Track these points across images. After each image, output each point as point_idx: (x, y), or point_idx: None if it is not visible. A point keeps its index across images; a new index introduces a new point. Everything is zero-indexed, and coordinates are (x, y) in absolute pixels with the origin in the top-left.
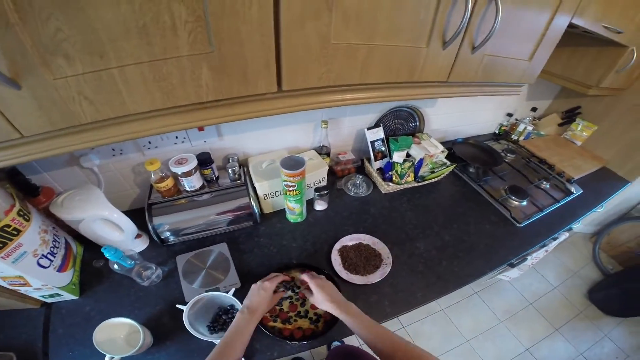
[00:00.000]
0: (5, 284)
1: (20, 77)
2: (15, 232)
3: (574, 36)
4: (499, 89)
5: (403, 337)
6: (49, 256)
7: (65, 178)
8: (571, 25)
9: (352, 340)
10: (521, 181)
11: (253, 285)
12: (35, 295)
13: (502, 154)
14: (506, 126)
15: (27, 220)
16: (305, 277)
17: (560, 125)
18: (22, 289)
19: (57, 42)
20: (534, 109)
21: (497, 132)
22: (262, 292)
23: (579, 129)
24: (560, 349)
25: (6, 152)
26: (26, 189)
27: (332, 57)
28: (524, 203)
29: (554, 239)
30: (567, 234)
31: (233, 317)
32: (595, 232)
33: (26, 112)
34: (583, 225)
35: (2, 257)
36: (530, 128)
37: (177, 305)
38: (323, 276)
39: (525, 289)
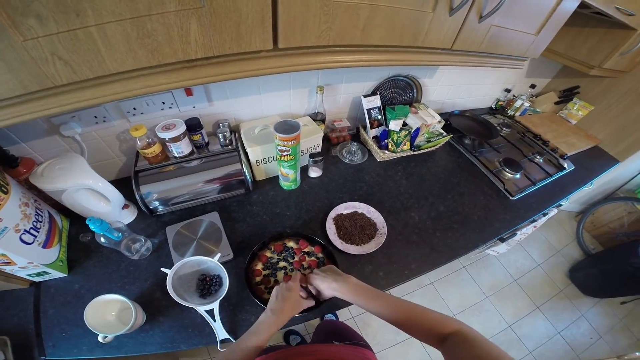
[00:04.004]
0: None
1: None
2: None
3: (581, 16)
4: (503, 61)
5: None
6: (32, 231)
7: (46, 148)
8: (582, 5)
9: (344, 313)
10: (516, 154)
11: (276, 287)
12: (22, 274)
13: (498, 128)
14: (503, 101)
15: (5, 193)
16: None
17: (556, 103)
18: (7, 268)
19: (28, 3)
20: (532, 86)
21: (493, 106)
22: (286, 293)
23: (575, 108)
24: (541, 327)
25: None
26: (3, 159)
27: (333, 14)
28: (518, 176)
29: (544, 215)
30: (555, 210)
31: (219, 284)
32: (581, 211)
33: None
34: (569, 203)
35: None
36: (527, 105)
37: (162, 269)
38: (313, 269)
39: (511, 264)
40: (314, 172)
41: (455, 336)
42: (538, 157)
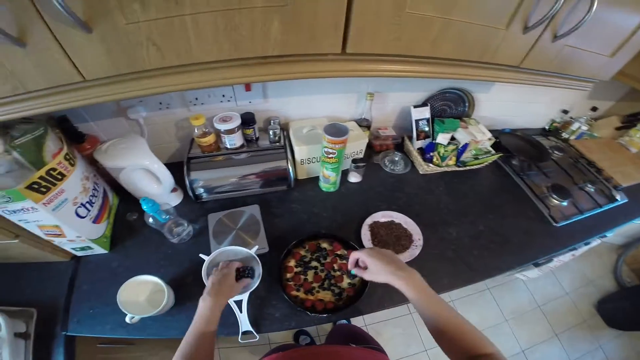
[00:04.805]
0: (41, 234)
1: (93, 21)
2: (60, 177)
3: None
4: (570, 81)
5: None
6: (87, 205)
7: (111, 128)
8: None
9: (357, 320)
10: (565, 181)
11: (213, 273)
12: (67, 247)
13: (550, 151)
14: (558, 123)
15: (73, 165)
16: (354, 254)
17: (617, 129)
18: (57, 240)
19: None
20: (594, 109)
21: (547, 127)
22: (223, 271)
23: (638, 135)
24: (554, 354)
25: (65, 96)
26: (72, 135)
27: (404, 25)
28: (565, 203)
29: (586, 244)
30: (599, 241)
31: (251, 276)
32: (624, 244)
33: (92, 55)
34: (613, 235)
35: (44, 204)
36: (584, 128)
37: (200, 255)
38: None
39: (538, 290)
40: (354, 178)
41: (487, 358)
42: (589, 185)
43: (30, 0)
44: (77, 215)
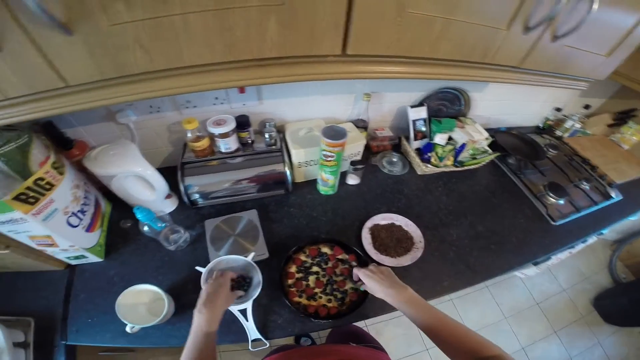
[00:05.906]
0: (33, 244)
1: (74, 23)
2: (48, 187)
3: None
4: (567, 81)
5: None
6: (79, 214)
7: (100, 133)
8: None
9: (361, 322)
10: (561, 179)
11: (207, 285)
12: (61, 256)
13: (545, 149)
14: (552, 121)
15: (62, 174)
16: (355, 271)
17: (609, 126)
18: (49, 250)
19: None
20: (587, 107)
21: (541, 125)
22: (218, 281)
23: (629, 132)
24: (554, 351)
25: (48, 102)
26: (60, 141)
27: (406, 25)
28: (562, 202)
29: (583, 242)
30: (595, 238)
31: (251, 284)
32: (618, 239)
33: (75, 59)
34: (607, 231)
35: (33, 214)
36: (577, 126)
37: (197, 267)
38: (373, 264)
39: (535, 288)
40: (352, 180)
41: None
42: (585, 183)
43: (2, 1)
44: (69, 224)
